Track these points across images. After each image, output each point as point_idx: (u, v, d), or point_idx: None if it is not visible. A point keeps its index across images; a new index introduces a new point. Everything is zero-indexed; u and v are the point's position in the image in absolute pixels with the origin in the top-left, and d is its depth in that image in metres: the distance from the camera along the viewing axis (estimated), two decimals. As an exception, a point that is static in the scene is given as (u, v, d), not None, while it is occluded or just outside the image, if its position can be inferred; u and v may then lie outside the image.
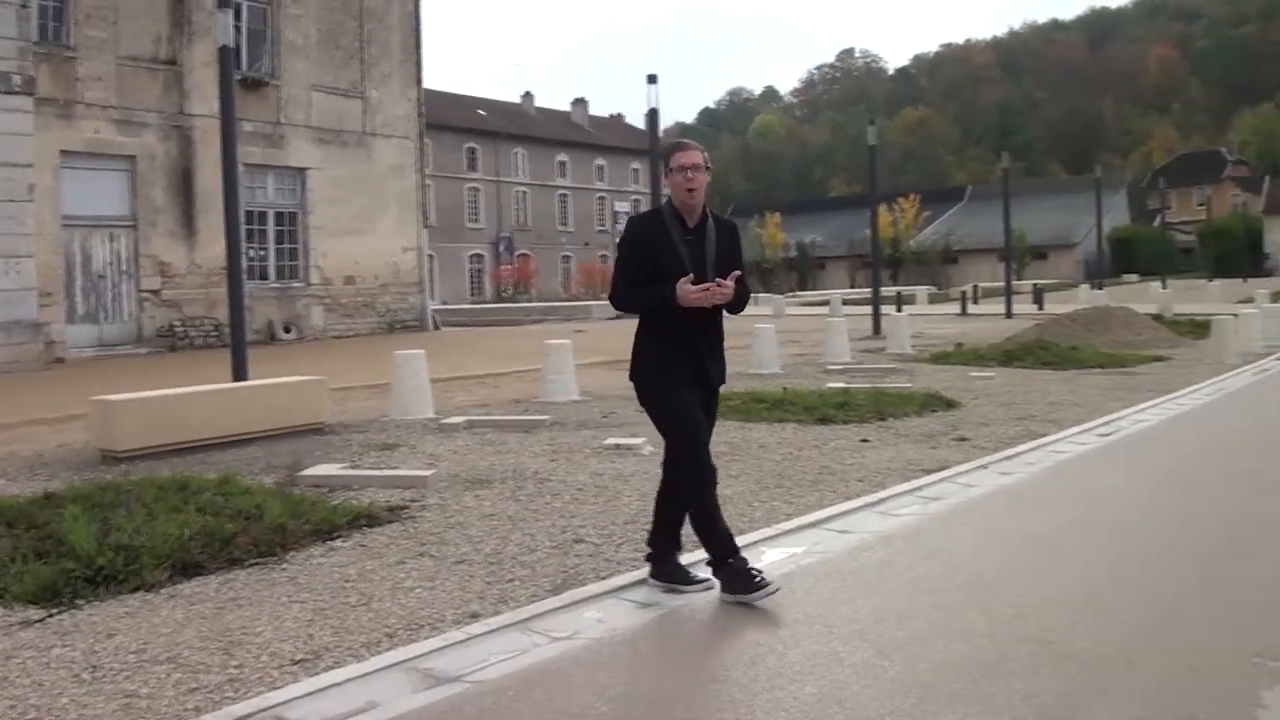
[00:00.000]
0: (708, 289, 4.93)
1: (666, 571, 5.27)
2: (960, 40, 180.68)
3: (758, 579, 4.93)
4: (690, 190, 5.17)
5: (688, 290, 4.91)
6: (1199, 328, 21.94)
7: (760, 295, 62.79)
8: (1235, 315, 19.47)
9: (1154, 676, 4.00)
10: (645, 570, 5.38)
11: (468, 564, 5.76)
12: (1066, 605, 4.85)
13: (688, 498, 5.21)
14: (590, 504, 7.20)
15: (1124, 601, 4.89)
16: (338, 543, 6.24)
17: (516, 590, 5.27)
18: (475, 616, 4.85)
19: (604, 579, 5.39)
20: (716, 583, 5.09)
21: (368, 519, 6.72)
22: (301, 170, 27.97)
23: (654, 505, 5.44)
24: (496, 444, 9.84)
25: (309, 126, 28.11)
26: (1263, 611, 4.72)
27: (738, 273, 5.06)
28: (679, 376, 5.16)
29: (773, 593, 4.88)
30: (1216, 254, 66.72)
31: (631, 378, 5.42)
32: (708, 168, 5.25)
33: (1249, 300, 28.69)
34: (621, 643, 4.39)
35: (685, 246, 5.13)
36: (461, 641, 4.47)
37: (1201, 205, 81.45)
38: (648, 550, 5.38)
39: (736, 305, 5.16)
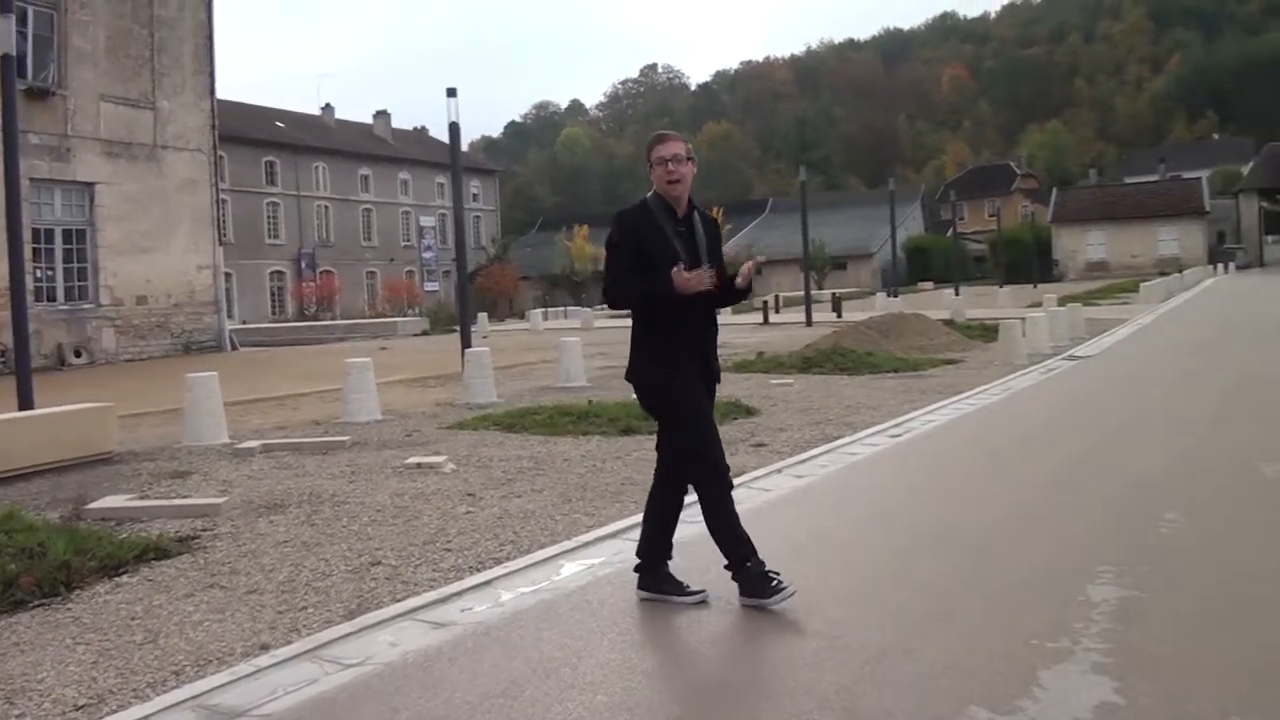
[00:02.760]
0: (709, 277, 4.85)
1: (656, 582, 5.17)
2: (760, 58, 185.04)
3: (775, 583, 4.85)
4: (673, 182, 5.04)
5: (684, 277, 4.79)
6: (989, 331, 22.94)
7: (569, 308, 63.05)
8: (1023, 319, 20.42)
9: (933, 664, 4.16)
10: (445, 589, 5.33)
11: (259, 593, 5.61)
12: (851, 600, 5.01)
13: (703, 496, 5.05)
14: (389, 525, 7.09)
15: (905, 593, 5.08)
16: (124, 578, 6.00)
17: (309, 618, 5.16)
18: (265, 648, 4.73)
19: (400, 601, 5.32)
20: (709, 593, 5.03)
21: (156, 552, 6.47)
22: (90, 185, 26.70)
23: (644, 512, 5.33)
24: (293, 467, 9.62)
25: (98, 139, 26.87)
26: (1037, 596, 4.95)
27: (751, 264, 5.06)
28: (689, 374, 5.01)
29: (790, 595, 4.81)
30: (1007, 261, 69.87)
31: (629, 377, 5.25)
32: (690, 158, 5.11)
33: (1037, 305, 30.15)
34: (414, 665, 4.34)
35: (679, 239, 5.02)
36: (250, 675, 4.34)
37: (992, 216, 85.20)
38: (636, 560, 5.25)
39: (733, 298, 5.11)
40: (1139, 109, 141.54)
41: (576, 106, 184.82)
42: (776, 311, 42.45)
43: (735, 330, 31.96)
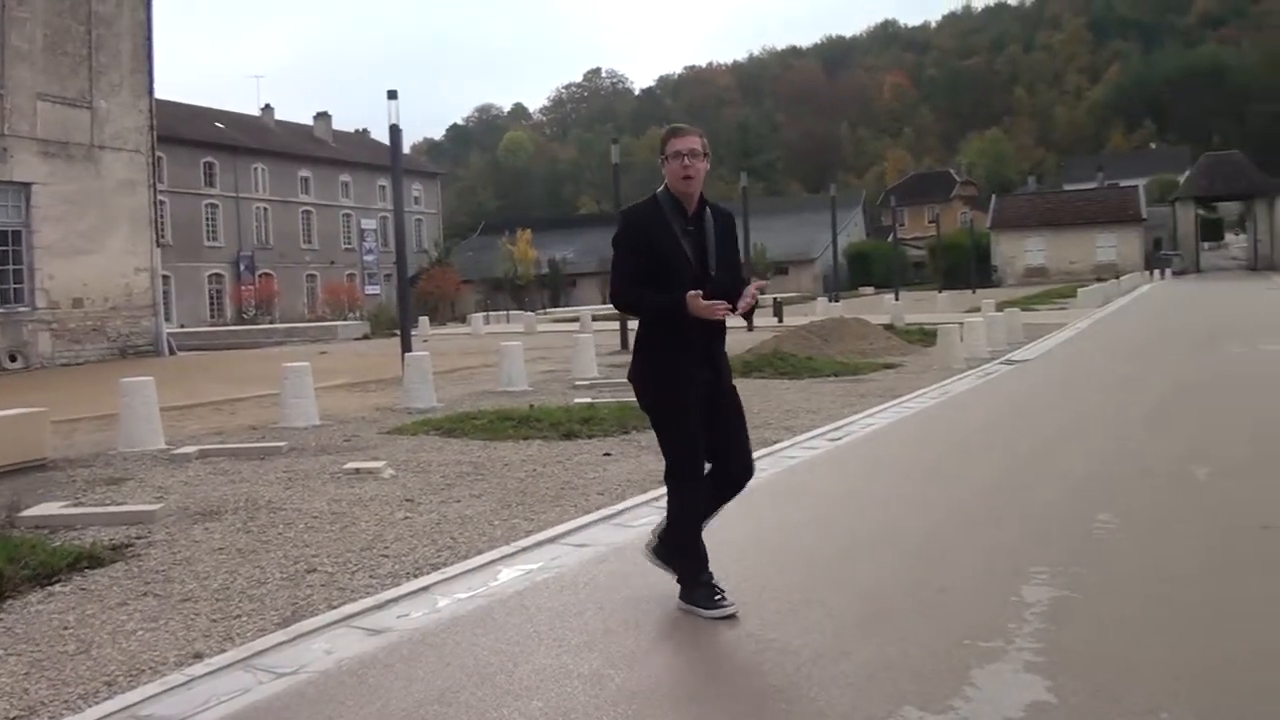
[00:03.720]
0: (728, 308, 4.73)
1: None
2: (703, 63, 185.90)
3: (718, 597, 4.82)
4: (687, 178, 4.89)
5: (700, 305, 4.64)
6: (928, 336, 23.16)
7: (512, 312, 62.86)
8: (961, 324, 20.63)
9: (868, 665, 4.19)
10: (381, 596, 5.29)
11: (193, 601, 5.53)
12: (789, 602, 5.03)
13: (674, 511, 5.01)
14: (326, 531, 7.02)
15: (843, 595, 5.10)
16: (57, 587, 5.89)
17: (243, 626, 5.10)
18: (199, 657, 4.66)
19: (336, 608, 5.26)
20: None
21: (90, 560, 6.36)
22: (26, 185, 26.14)
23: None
24: (230, 473, 9.50)
25: (34, 139, 26.34)
26: (972, 598, 5.00)
27: (762, 283, 4.94)
28: (688, 380, 4.86)
29: (731, 614, 4.76)
30: (947, 267, 70.62)
31: (631, 378, 5.10)
32: (706, 154, 4.96)
33: (976, 310, 30.49)
34: (349, 673, 4.29)
35: (687, 239, 4.87)
36: (182, 685, 4.28)
37: (932, 222, 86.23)
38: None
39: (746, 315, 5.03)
40: (1078, 118, 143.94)
41: (519, 110, 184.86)
42: (719, 316, 42.47)
43: (678, 334, 31.99)
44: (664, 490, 7.85)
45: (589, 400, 13.81)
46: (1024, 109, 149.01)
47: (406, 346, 17.34)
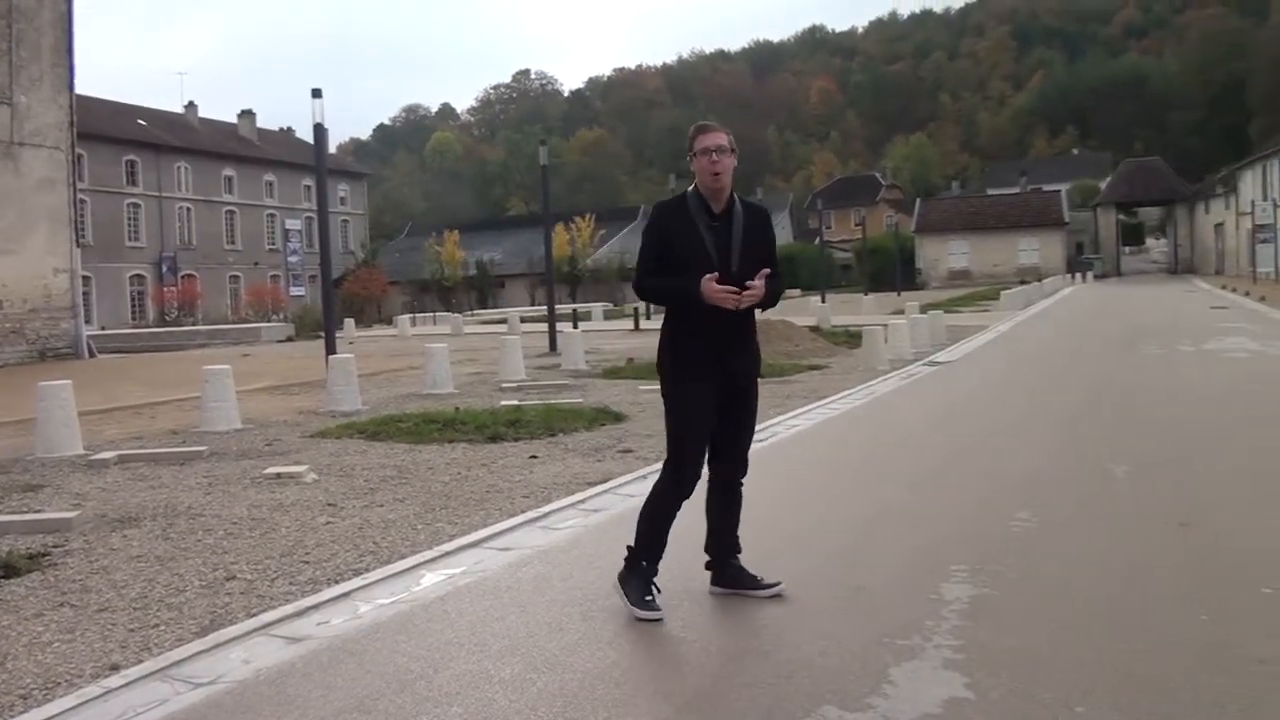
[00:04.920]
0: (736, 293, 4.73)
1: (729, 577, 5.17)
2: (632, 65, 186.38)
3: (649, 599, 4.88)
4: (715, 174, 4.91)
5: (714, 289, 4.69)
6: (853, 338, 23.36)
7: (439, 314, 62.46)
8: (886, 326, 20.83)
9: (789, 664, 4.22)
10: (301, 603, 5.22)
11: (111, 611, 5.41)
12: (711, 602, 5.06)
13: (658, 491, 5.05)
14: (246, 538, 6.92)
15: (763, 598, 5.12)
16: (-29, 599, 5.74)
17: (161, 635, 5.00)
18: (116, 668, 4.56)
19: (254, 616, 5.19)
20: (781, 584, 5.09)
21: (5, 569, 6.21)
22: (-56, 183, 25.59)
23: (706, 511, 5.28)
24: (149, 479, 9.33)
25: (-48, 135, 25.78)
26: (892, 596, 5.05)
27: (767, 271, 4.84)
28: (699, 371, 4.90)
29: (653, 620, 4.79)
30: (872, 270, 71.26)
31: (659, 367, 5.15)
32: (733, 150, 5.00)
33: (901, 312, 30.80)
34: (267, 682, 4.23)
35: (710, 233, 4.89)
36: (98, 697, 4.18)
37: (858, 225, 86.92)
38: (706, 558, 5.23)
39: (769, 301, 4.95)
40: (1001, 124, 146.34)
41: (447, 110, 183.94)
42: (648, 318, 42.60)
43: (607, 337, 32.05)
44: (591, 492, 7.90)
45: (516, 403, 13.77)
46: (949, 114, 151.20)
47: (331, 349, 17.15)
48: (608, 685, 4.01)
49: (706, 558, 5.27)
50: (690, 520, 6.80)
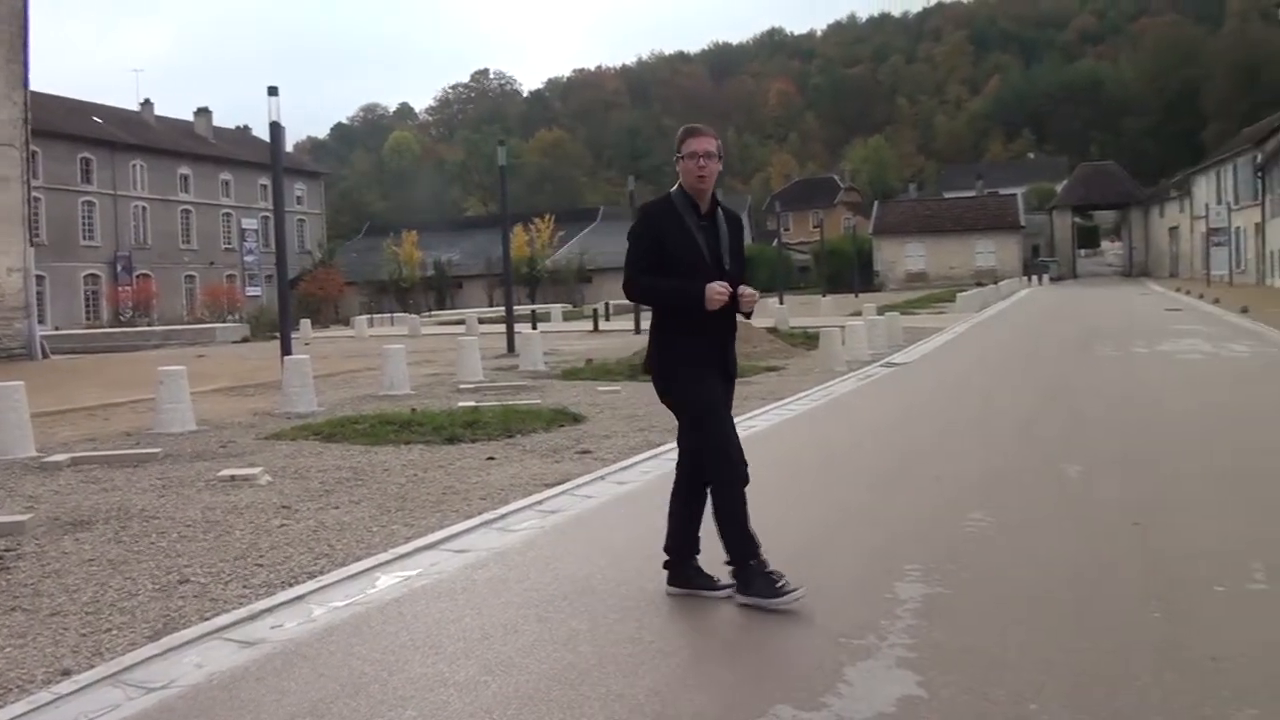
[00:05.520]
0: (740, 295, 4.93)
1: (686, 577, 5.14)
2: (592, 66, 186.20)
3: (780, 584, 4.86)
4: (701, 177, 5.02)
5: (717, 293, 4.83)
6: (811, 339, 23.46)
7: (396, 315, 62.16)
8: (843, 327, 20.94)
9: (744, 665, 4.25)
10: (255, 606, 5.18)
11: (63, 615, 5.34)
12: (666, 605, 5.06)
13: (717, 490, 5.02)
14: (199, 541, 6.85)
15: (720, 599, 5.12)
16: (-78, 605, 5.66)
17: (114, 640, 4.94)
18: (67, 673, 4.50)
19: (208, 619, 5.14)
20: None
21: (-44, 575, 6.13)
22: (-104, 181, 25.12)
23: (668, 509, 5.27)
24: (102, 482, 9.22)
25: (-95, 132, 25.30)
26: (847, 596, 5.07)
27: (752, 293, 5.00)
28: (706, 367, 5.03)
29: (798, 599, 4.81)
30: (830, 271, 71.65)
31: (647, 369, 5.25)
32: (720, 155, 5.10)
33: (858, 314, 30.97)
34: (220, 687, 4.19)
35: (701, 233, 4.99)
36: (50, 702, 4.13)
37: (816, 227, 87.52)
38: (664, 558, 5.20)
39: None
40: (958, 127, 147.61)
41: (405, 110, 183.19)
42: (606, 319, 42.66)
43: (565, 338, 32.04)
44: (548, 493, 7.89)
45: (473, 404, 13.72)
46: (906, 118, 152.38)
47: (286, 349, 17.03)
48: (563, 687, 4.01)
49: (665, 558, 5.27)
50: (642, 523, 6.82)
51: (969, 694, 3.86)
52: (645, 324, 35.06)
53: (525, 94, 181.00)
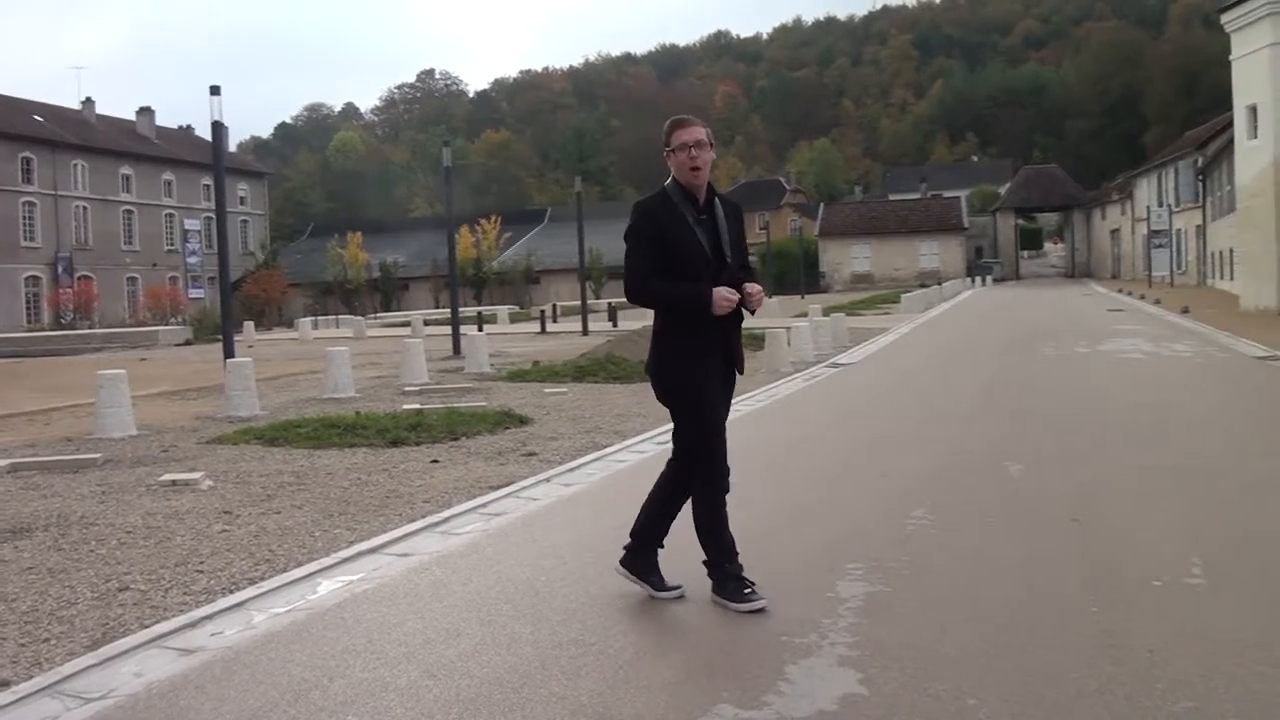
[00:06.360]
0: (746, 294, 4.88)
1: (641, 568, 5.15)
2: (539, 67, 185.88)
3: (747, 590, 4.90)
4: (695, 169, 4.92)
5: (724, 298, 4.79)
6: (757, 340, 23.50)
7: (341, 317, 61.71)
8: (789, 328, 21.03)
9: (685, 664, 4.26)
10: (195, 613, 5.12)
11: (1, 625, 5.25)
12: (609, 605, 5.07)
13: (699, 494, 5.00)
14: (140, 547, 6.76)
15: (662, 600, 5.14)
16: None
17: (52, 650, 4.86)
18: (5, 684, 4.43)
19: (147, 627, 5.07)
20: (684, 589, 5.11)
21: (-109, 584, 6.01)
22: None
23: (648, 495, 5.23)
24: (42, 488, 9.08)
25: None
26: (789, 594, 5.09)
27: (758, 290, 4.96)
28: (708, 369, 4.96)
29: (759, 608, 4.83)
30: (777, 273, 72.01)
31: (648, 370, 5.17)
32: (711, 144, 5.00)
33: (804, 314, 31.13)
34: (159, 695, 4.14)
35: (700, 227, 4.91)
36: (-14, 715, 4.07)
37: (763, 229, 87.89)
38: (628, 541, 5.19)
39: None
40: (903, 130, 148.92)
41: (350, 110, 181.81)
42: (554, 320, 42.59)
43: (512, 339, 31.96)
44: (493, 496, 7.87)
45: (418, 406, 13.64)
46: (851, 120, 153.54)
47: (229, 352, 16.87)
48: (504, 690, 4.00)
49: (620, 549, 5.27)
50: (586, 526, 6.82)
51: (909, 690, 3.90)
52: (593, 325, 35.04)
53: (472, 94, 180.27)
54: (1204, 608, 4.78)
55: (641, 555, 5.20)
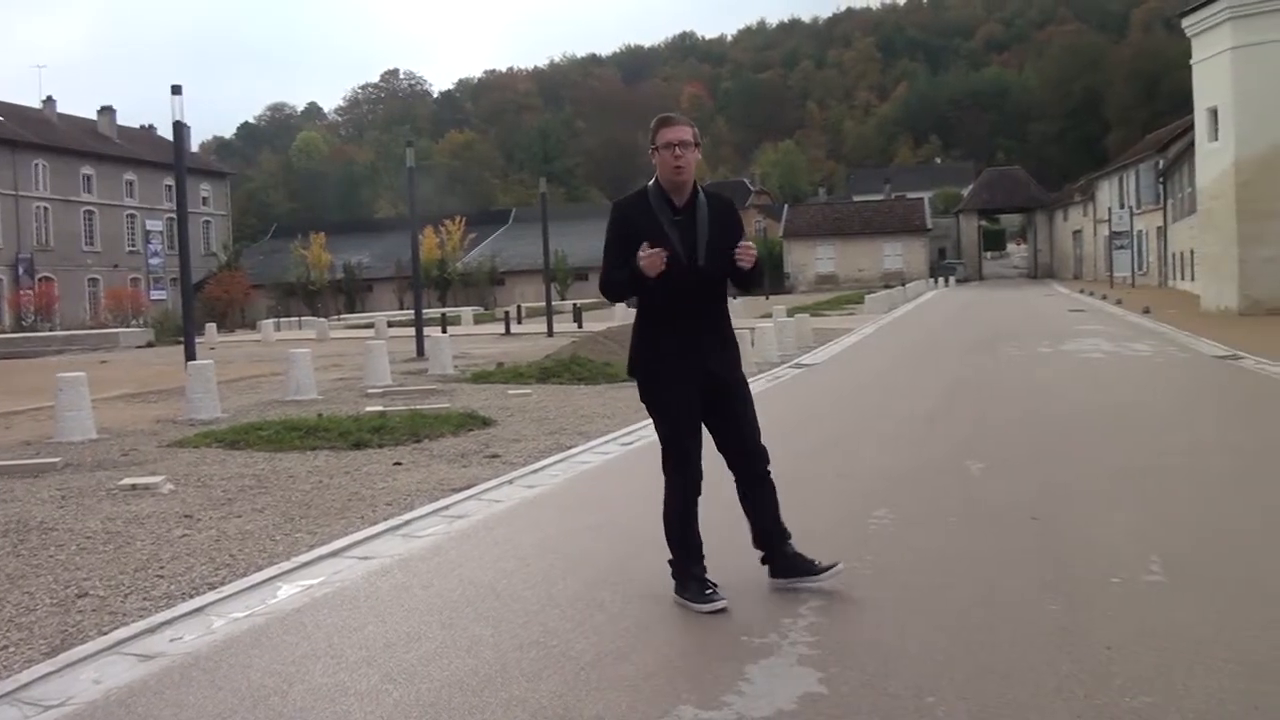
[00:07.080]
0: (737, 251, 4.85)
1: (786, 567, 5.21)
2: (503, 68, 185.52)
3: (709, 591, 4.92)
4: (678, 169, 4.86)
5: (644, 256, 4.70)
6: (721, 341, 23.57)
7: (304, 318, 61.36)
8: (753, 329, 21.09)
9: (646, 666, 4.26)
10: (154, 619, 5.09)
11: (-41, 634, 5.21)
12: (572, 607, 5.06)
13: (668, 494, 5.04)
14: (99, 553, 6.70)
15: (624, 598, 5.16)
16: None
17: (10, 657, 4.81)
18: (-37, 692, 4.39)
19: (106, 634, 5.03)
20: (840, 565, 5.16)
21: None
22: None
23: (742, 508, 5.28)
24: (0, 493, 8.98)
25: None
26: (749, 595, 5.12)
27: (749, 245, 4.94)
28: (673, 369, 4.93)
29: (719, 609, 4.84)
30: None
31: (630, 372, 5.18)
32: (697, 144, 4.95)
33: (768, 315, 31.21)
34: (117, 703, 4.10)
35: (675, 228, 4.84)
36: (-56, 726, 4.03)
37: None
38: (760, 554, 5.27)
39: (755, 278, 5.04)
40: (867, 132, 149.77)
41: (314, 110, 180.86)
42: (519, 322, 42.56)
43: (476, 341, 31.87)
44: (455, 498, 7.87)
45: (381, 409, 13.60)
46: (815, 122, 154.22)
47: (191, 355, 16.75)
48: (464, 694, 3.99)
49: (759, 553, 5.31)
50: (550, 527, 6.82)
51: (868, 689, 3.92)
52: (558, 327, 35.02)
53: (436, 95, 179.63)
54: (1163, 605, 4.83)
55: (779, 558, 5.23)
